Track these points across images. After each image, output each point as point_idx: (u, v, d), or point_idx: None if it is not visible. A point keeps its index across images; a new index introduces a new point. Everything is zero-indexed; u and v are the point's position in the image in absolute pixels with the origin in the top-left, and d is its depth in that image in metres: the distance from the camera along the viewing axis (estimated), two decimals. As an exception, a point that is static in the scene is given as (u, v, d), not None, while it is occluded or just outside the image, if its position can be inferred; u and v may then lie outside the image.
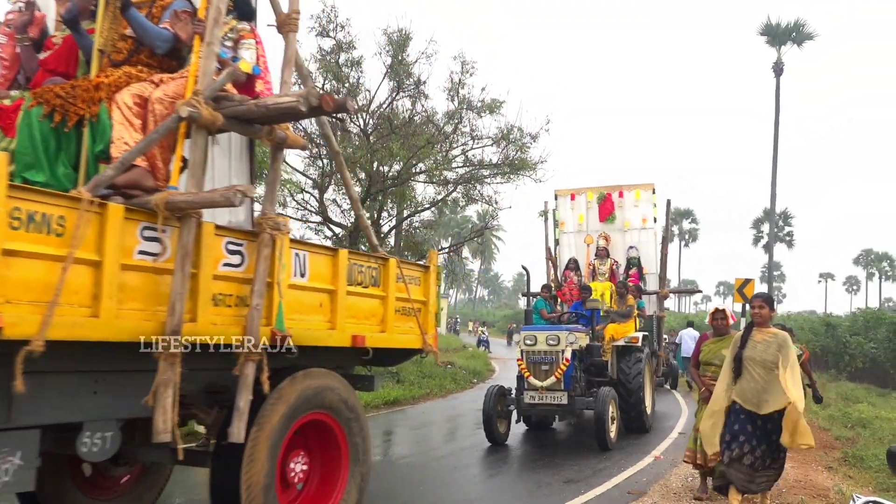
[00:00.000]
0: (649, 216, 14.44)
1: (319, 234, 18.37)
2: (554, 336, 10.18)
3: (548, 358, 10.13)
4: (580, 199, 14.99)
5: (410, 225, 19.71)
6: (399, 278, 5.83)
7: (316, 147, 17.53)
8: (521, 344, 10.27)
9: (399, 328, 5.82)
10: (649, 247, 14.43)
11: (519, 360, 10.25)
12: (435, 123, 17.86)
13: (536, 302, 12.23)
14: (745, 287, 15.70)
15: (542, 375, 10.12)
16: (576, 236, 14.89)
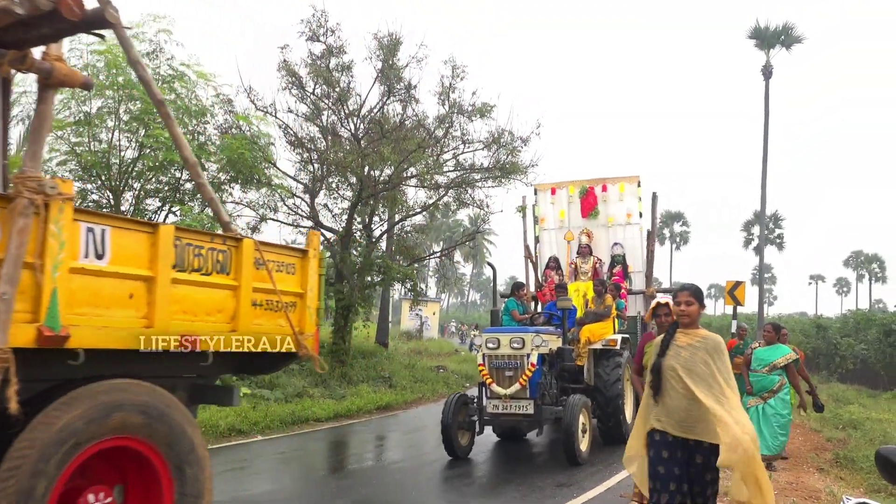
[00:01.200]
0: (634, 211, 13.52)
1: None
2: (518, 338, 9.26)
3: (512, 363, 9.23)
4: (561, 193, 14.13)
5: (402, 229, 19.69)
6: (259, 264, 4.70)
7: (307, 151, 17.51)
8: (482, 347, 9.37)
9: (261, 327, 4.73)
10: (635, 243, 13.47)
11: (480, 365, 9.37)
12: (426, 128, 17.86)
13: (507, 303, 11.33)
14: (736, 289, 15.73)
15: (506, 382, 9.22)
16: (557, 233, 14.04)
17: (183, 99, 14.00)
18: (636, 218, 13.51)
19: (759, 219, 40.33)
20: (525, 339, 9.26)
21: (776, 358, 8.83)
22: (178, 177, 14.13)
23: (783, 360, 8.81)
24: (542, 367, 9.45)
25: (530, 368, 9.15)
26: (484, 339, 9.38)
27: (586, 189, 13.87)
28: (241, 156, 13.90)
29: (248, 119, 15.76)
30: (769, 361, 8.85)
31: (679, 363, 4.43)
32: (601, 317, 11.11)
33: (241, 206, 16.51)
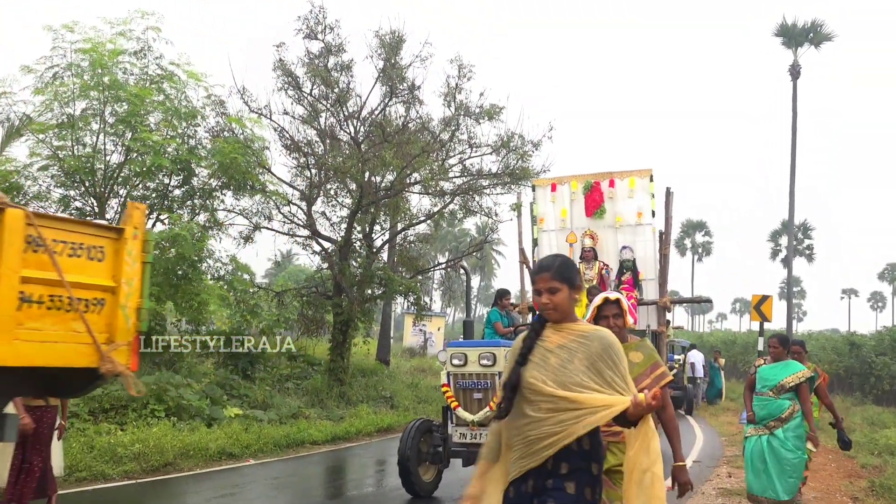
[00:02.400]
0: (646, 209, 12.83)
1: (307, 250, 18.36)
2: (488, 353, 8.25)
3: (481, 383, 8.27)
4: (562, 190, 13.44)
5: (405, 239, 19.69)
6: (34, 245, 3.55)
7: (303, 156, 17.56)
8: (446, 364, 8.41)
9: (39, 333, 3.60)
10: (647, 247, 12.78)
11: (444, 385, 8.41)
12: (430, 131, 17.88)
13: (489, 313, 10.66)
14: (763, 304, 15.67)
15: (475, 406, 8.26)
16: (557, 235, 13.35)
17: (172, 100, 14.07)
18: (648, 217, 12.81)
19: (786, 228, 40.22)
20: (496, 355, 8.18)
21: (785, 376, 7.33)
22: (167, 183, 14.17)
23: (793, 379, 7.28)
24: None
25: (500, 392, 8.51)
26: (448, 355, 8.37)
27: (591, 185, 13.14)
28: (234, 160, 13.95)
29: (242, 122, 15.82)
30: (776, 381, 7.32)
31: (546, 373, 3.14)
32: None
33: (234, 213, 16.55)
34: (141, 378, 11.61)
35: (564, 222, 13.30)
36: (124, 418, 10.97)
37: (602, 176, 13.19)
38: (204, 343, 15.39)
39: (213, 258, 14.72)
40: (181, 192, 14.59)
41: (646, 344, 4.56)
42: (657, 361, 4.48)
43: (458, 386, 8.35)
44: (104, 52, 13.46)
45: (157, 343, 14.09)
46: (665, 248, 12.66)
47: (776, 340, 7.55)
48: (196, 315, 14.09)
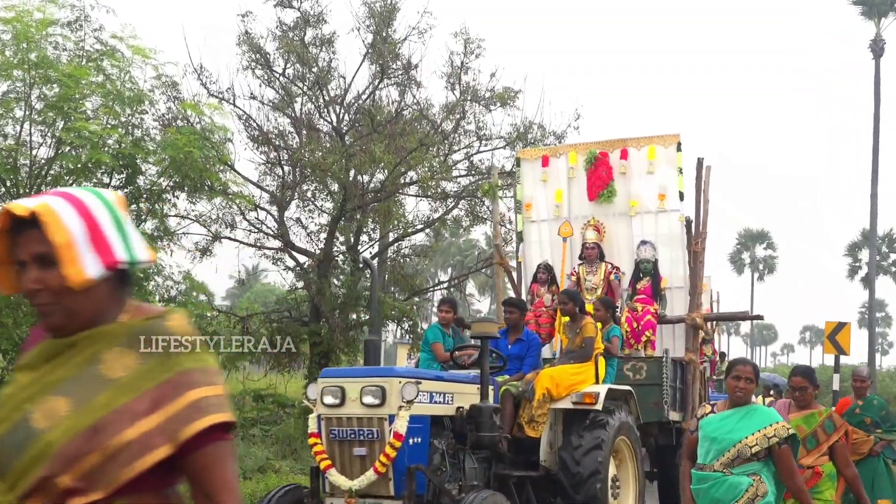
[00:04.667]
0: (672, 189, 11.53)
1: (278, 265, 18.34)
2: (375, 387, 7.14)
3: (364, 432, 7.19)
4: (557, 164, 12.19)
5: (398, 252, 19.70)
6: None
7: (274, 150, 17.57)
8: (316, 403, 7.37)
9: None
10: (673, 242, 11.60)
11: (312, 434, 7.38)
12: (430, 119, 17.92)
13: (428, 331, 9.81)
14: (839, 333, 15.64)
15: (355, 466, 7.21)
16: (550, 226, 12.19)
17: (114, 81, 14.09)
18: (674, 201, 11.51)
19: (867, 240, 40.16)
20: (387, 389, 7.10)
21: (745, 434, 5.34)
22: (107, 182, 14.17)
23: (760, 440, 5.32)
24: (427, 441, 7.54)
25: (394, 442, 7.00)
26: (319, 389, 7.35)
27: (595, 157, 11.77)
28: (189, 155, 13.92)
29: (198, 108, 15.82)
30: (729, 443, 5.37)
31: None
32: (581, 357, 9.14)
33: (189, 220, 16.55)
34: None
35: (559, 208, 12.12)
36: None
37: (611, 144, 11.90)
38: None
39: (162, 275, 14.70)
40: (124, 193, 14.58)
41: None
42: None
43: (332, 436, 7.27)
44: (30, 22, 13.49)
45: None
46: (697, 244, 11.38)
47: (801, 379, 6.39)
48: (141, 344, 14.06)
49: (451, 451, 7.86)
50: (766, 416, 5.45)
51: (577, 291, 10.32)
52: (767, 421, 5.36)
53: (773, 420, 5.36)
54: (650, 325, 11.12)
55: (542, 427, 8.70)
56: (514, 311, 9.47)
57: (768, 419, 5.38)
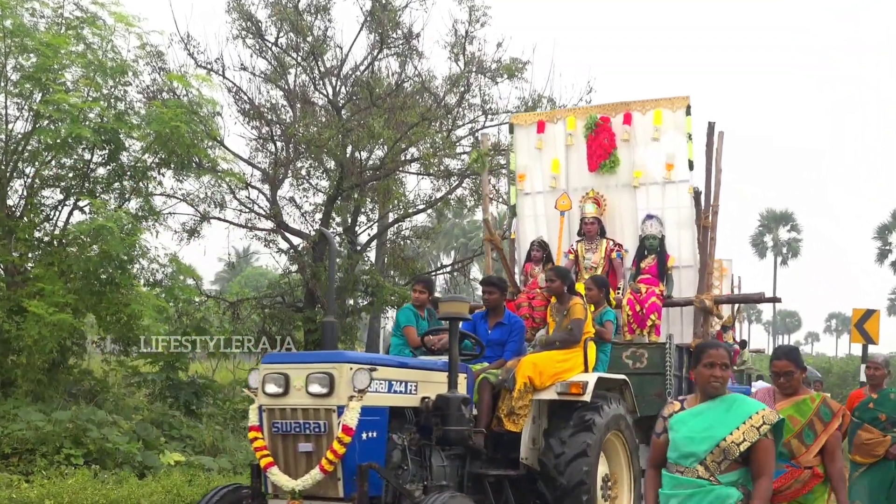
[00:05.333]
0: (680, 158, 11.25)
1: (271, 247, 18.35)
2: (322, 375, 6.70)
3: (309, 425, 6.79)
4: (554, 130, 11.86)
5: (398, 233, 19.69)
6: None
7: (266, 125, 17.54)
8: (258, 392, 6.95)
9: None
10: (681, 217, 11.34)
11: (253, 428, 7.01)
12: (432, 92, 17.86)
13: (399, 313, 9.53)
14: (867, 321, 15.63)
15: (301, 464, 6.80)
16: (546, 199, 11.91)
17: (96, 51, 14.06)
18: (683, 171, 11.25)
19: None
20: (335, 376, 6.68)
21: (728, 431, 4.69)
22: (88, 159, 14.18)
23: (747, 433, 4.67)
24: (384, 435, 7.15)
25: (342, 437, 6.57)
26: (260, 377, 6.95)
27: (596, 122, 11.51)
28: (176, 130, 13.91)
29: (186, 79, 15.80)
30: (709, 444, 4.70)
31: None
32: (566, 342, 8.71)
33: (175, 199, 16.55)
34: (52, 414, 11.62)
35: (556, 180, 11.91)
36: (31, 466, 10.97)
37: (613, 108, 11.66)
38: (135, 368, 15.36)
39: (147, 258, 14.70)
40: (106, 170, 14.56)
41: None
42: None
43: (275, 430, 6.87)
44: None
45: (74, 368, 14.07)
46: (707, 218, 10.99)
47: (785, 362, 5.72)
48: (125, 332, 14.08)
49: (415, 448, 7.46)
50: (747, 404, 4.81)
51: (564, 268, 9.82)
52: (752, 409, 4.75)
53: (758, 407, 4.78)
54: (655, 307, 10.86)
55: (524, 420, 8.32)
56: (493, 291, 8.99)
57: (752, 407, 4.77)
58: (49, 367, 12.86)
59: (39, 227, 13.98)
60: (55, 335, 11.88)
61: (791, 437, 5.58)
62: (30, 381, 12.32)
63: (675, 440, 4.81)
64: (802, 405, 5.66)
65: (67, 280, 12.84)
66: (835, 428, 5.62)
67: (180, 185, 16.35)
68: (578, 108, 12.27)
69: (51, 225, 14.11)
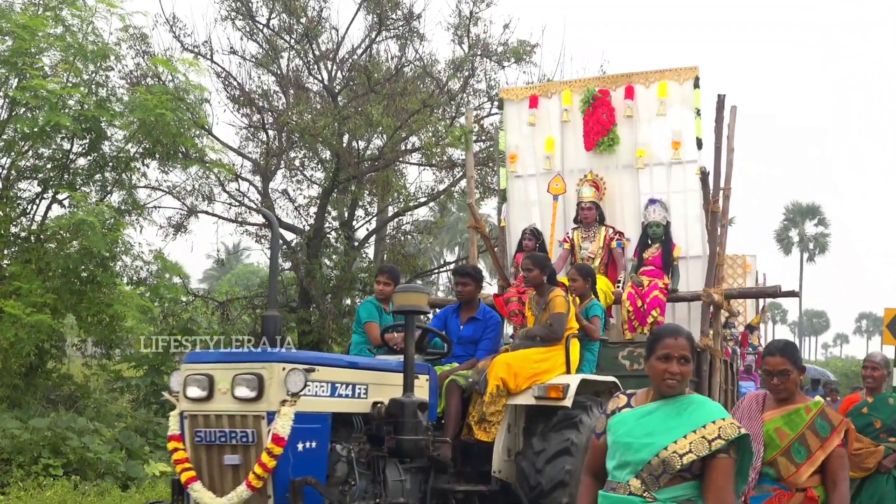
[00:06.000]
0: (688, 135, 10.93)
1: (262, 243, 18.32)
2: (250, 375, 6.29)
3: (236, 434, 6.38)
4: (548, 105, 11.58)
5: (398, 228, 19.68)
6: None
7: (258, 112, 17.52)
8: (179, 397, 6.56)
9: None
10: (689, 201, 11.02)
11: (173, 437, 6.62)
12: (435, 77, 17.82)
13: (361, 307, 9.15)
14: (900, 321, 15.55)
15: (227, 478, 6.42)
16: (539, 183, 11.59)
17: (75, 34, 14.04)
18: (691, 150, 10.94)
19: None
20: (265, 378, 6.28)
21: (672, 437, 3.99)
22: (67, 149, 14.17)
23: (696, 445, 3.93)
24: (325, 446, 6.70)
25: (271, 448, 6.17)
26: (182, 378, 6.55)
27: (595, 95, 11.17)
28: (161, 118, 13.91)
29: (171, 64, 15.80)
30: (649, 451, 4.00)
31: None
32: (545, 339, 8.27)
33: (161, 192, 16.54)
34: (29, 421, 11.61)
35: (550, 160, 11.57)
36: (6, 477, 10.97)
37: (613, 80, 11.36)
38: (118, 373, 15.35)
39: (131, 254, 14.70)
40: (87, 161, 14.56)
41: None
42: None
43: (198, 439, 6.46)
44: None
45: (53, 372, 14.06)
46: (717, 202, 10.59)
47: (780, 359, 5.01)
48: (107, 334, 14.08)
49: (365, 460, 6.98)
50: (704, 410, 4.04)
51: (543, 255, 9.35)
52: (708, 416, 4.00)
53: (716, 415, 4.00)
54: (657, 302, 10.36)
55: (497, 428, 7.87)
56: (467, 282, 8.58)
57: (709, 414, 4.01)
58: (26, 371, 12.86)
59: (16, 222, 13.96)
60: (32, 337, 11.86)
61: (777, 454, 4.94)
62: (5, 387, 12.32)
63: (612, 444, 4.12)
64: (794, 416, 5.00)
65: (46, 278, 12.83)
66: (835, 445, 4.92)
67: (166, 177, 16.34)
68: (575, 80, 11.71)
69: (28, 219, 14.09)
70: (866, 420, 7.69)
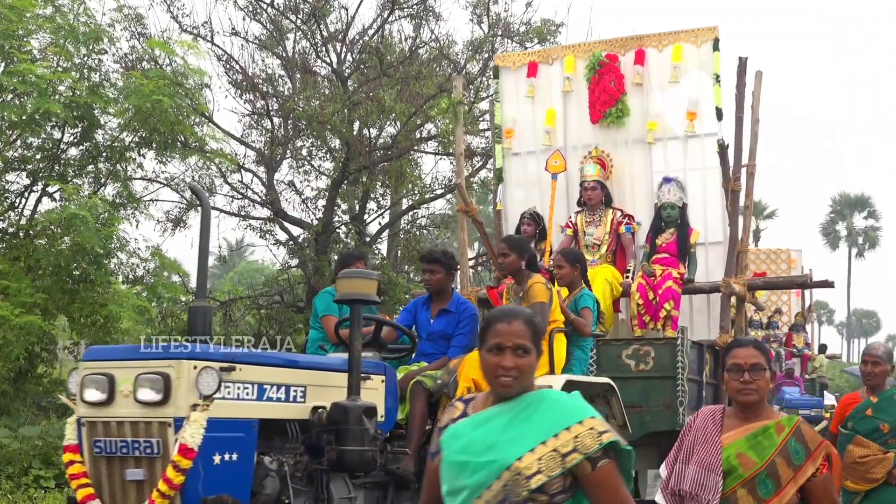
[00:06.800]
0: (706, 105, 10.46)
1: (267, 239, 18.37)
2: (155, 374, 5.80)
3: (139, 445, 5.93)
4: (549, 73, 11.22)
5: (413, 222, 19.68)
6: None
7: (262, 98, 17.54)
8: (76, 402, 6.12)
9: None
10: (708, 180, 10.57)
11: (68, 448, 6.15)
12: (452, 60, 17.81)
13: (318, 298, 8.82)
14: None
15: (129, 497, 5.99)
16: (539, 161, 11.14)
17: (66, 15, 14.11)
18: (710, 122, 10.46)
19: None
20: (172, 378, 5.78)
21: (518, 452, 3.18)
22: (58, 138, 14.23)
23: (546, 461, 3.12)
24: (250, 458, 6.19)
25: (177, 461, 5.67)
26: (79, 379, 6.09)
27: (601, 61, 10.72)
28: (158, 104, 13.95)
29: (169, 47, 15.84)
30: (490, 471, 3.19)
31: None
32: None
33: (158, 184, 16.60)
34: (19, 429, 11.68)
35: (551, 135, 11.08)
36: (-5, 489, 11.04)
37: (622, 44, 10.83)
38: (113, 377, 15.43)
39: (126, 251, 14.76)
40: (79, 151, 14.63)
41: None
42: None
43: (98, 450, 5.99)
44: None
45: (44, 377, 14.12)
46: (737, 180, 10.14)
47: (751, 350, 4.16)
48: (101, 336, 14.11)
49: (303, 475, 6.50)
50: (558, 412, 3.22)
51: (521, 237, 8.91)
52: (565, 419, 3.19)
53: (577, 416, 3.19)
54: (671, 294, 9.82)
55: None
56: (435, 268, 8.02)
57: (567, 416, 3.19)
58: (15, 376, 12.91)
59: (3, 217, 14.03)
60: (22, 340, 11.89)
61: (738, 486, 4.11)
62: (-7, 393, 12.38)
63: (445, 463, 3.32)
64: (763, 437, 4.13)
65: (35, 277, 12.88)
66: (809, 474, 4.06)
67: (163, 168, 16.40)
68: (578, 44, 11.21)
69: (16, 214, 14.15)
70: (871, 424, 6.88)
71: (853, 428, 6.90)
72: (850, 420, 6.89)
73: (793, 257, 19.59)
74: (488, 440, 3.21)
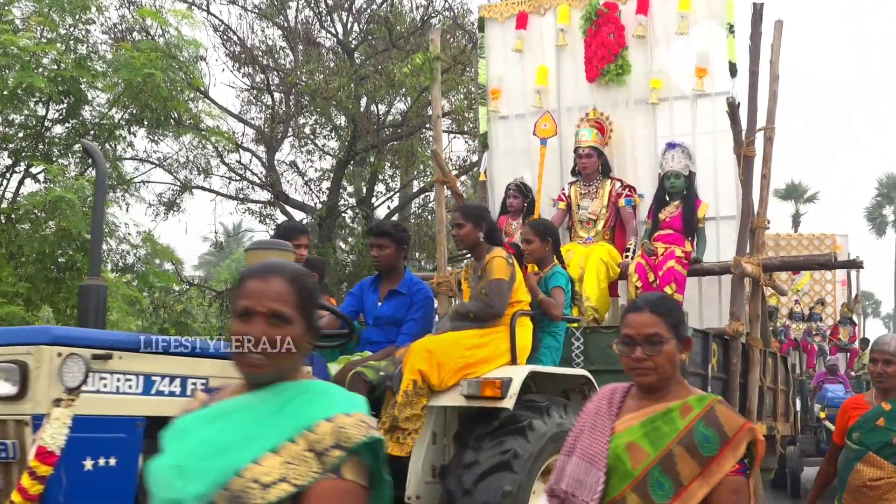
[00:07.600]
0: (718, 59, 9.93)
1: (268, 223, 18.39)
2: (10, 363, 5.18)
3: None
4: (540, 24, 10.78)
5: (424, 206, 19.69)
6: None
7: (262, 72, 17.54)
8: None
9: None
10: (721, 145, 9.97)
11: None
12: (467, 30, 17.79)
13: None
14: None
15: None
16: (529, 124, 10.53)
17: (50, -19, 14.12)
18: (722, 79, 9.92)
19: None
20: (30, 367, 5.19)
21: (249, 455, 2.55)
22: (42, 115, 14.25)
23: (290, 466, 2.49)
24: (132, 463, 5.55)
25: (34, 467, 5.05)
26: None
27: (599, 10, 10.28)
28: (149, 79, 13.97)
29: (161, 17, 15.85)
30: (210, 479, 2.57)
31: None
32: (478, 318, 7.16)
33: (150, 165, 16.61)
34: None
35: (542, 95, 10.65)
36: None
37: None
38: (102, 373, 15.49)
39: (116, 237, 14.81)
40: (65, 129, 14.66)
41: None
42: None
43: None
44: None
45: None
46: (751, 144, 9.60)
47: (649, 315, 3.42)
48: (89, 327, 14.20)
49: None
50: (312, 403, 2.62)
51: (478, 206, 8.33)
52: (317, 413, 2.58)
53: (333, 410, 2.57)
54: (673, 275, 9.28)
55: (413, 438, 6.73)
56: (384, 243, 7.47)
57: (320, 409, 2.58)
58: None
59: (-17, 200, 14.07)
60: (3, 332, 11.95)
61: (627, 489, 3.38)
62: (-27, 389, 12.42)
63: (154, 470, 2.71)
64: (661, 422, 3.42)
65: (18, 264, 12.91)
66: (726, 470, 3.30)
67: (156, 148, 16.43)
68: None
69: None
70: (883, 437, 5.81)
71: (860, 441, 5.87)
72: (855, 431, 5.88)
73: (838, 243, 19.42)
74: (221, 440, 2.60)
